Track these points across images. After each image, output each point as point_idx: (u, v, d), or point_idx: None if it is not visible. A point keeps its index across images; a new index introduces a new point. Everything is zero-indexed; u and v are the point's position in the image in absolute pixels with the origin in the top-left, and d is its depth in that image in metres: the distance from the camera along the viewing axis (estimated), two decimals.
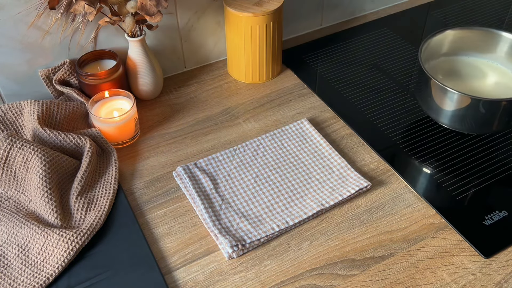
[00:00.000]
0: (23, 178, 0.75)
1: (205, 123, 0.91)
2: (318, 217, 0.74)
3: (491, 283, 0.66)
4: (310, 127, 0.86)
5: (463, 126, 0.79)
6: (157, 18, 0.82)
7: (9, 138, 0.74)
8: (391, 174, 0.80)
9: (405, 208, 0.75)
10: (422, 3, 1.22)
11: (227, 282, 0.67)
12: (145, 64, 0.89)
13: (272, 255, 0.70)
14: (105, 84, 0.87)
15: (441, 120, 0.80)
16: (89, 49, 0.91)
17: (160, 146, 0.87)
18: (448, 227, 0.73)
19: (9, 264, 0.69)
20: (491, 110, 0.75)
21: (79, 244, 0.69)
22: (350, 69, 1.02)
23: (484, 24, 1.14)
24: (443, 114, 0.79)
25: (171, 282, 0.67)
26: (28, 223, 0.70)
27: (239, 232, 0.71)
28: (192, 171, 0.79)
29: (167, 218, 0.75)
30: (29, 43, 0.85)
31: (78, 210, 0.74)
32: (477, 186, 0.78)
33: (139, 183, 0.80)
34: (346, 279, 0.67)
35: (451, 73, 0.85)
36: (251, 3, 0.90)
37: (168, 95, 0.97)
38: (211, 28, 0.99)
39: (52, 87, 0.90)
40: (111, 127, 0.84)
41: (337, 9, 1.15)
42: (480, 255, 0.69)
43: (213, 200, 0.76)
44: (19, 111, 0.85)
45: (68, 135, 0.80)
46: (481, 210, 0.75)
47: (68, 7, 0.83)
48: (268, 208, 0.75)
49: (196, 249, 0.71)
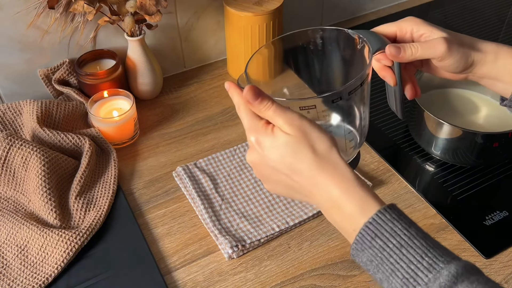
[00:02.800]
0: (22, 178, 0.75)
1: (205, 123, 0.91)
2: (319, 217, 0.74)
3: None
4: None
5: (456, 159, 0.80)
6: (157, 17, 0.82)
7: (8, 138, 0.74)
8: (392, 174, 0.80)
9: (406, 208, 0.75)
10: (422, 3, 1.22)
11: (227, 283, 0.67)
12: (144, 64, 0.89)
13: (272, 255, 0.70)
14: (104, 84, 0.87)
15: (434, 151, 0.81)
16: (89, 48, 0.90)
17: (159, 146, 0.86)
18: (448, 227, 0.72)
19: (8, 264, 0.68)
20: (484, 142, 0.76)
21: (78, 245, 0.69)
22: None
23: (484, 24, 1.14)
24: (436, 144, 0.80)
25: (170, 283, 0.67)
26: (27, 223, 0.70)
27: (239, 232, 0.71)
28: (192, 171, 0.79)
29: (166, 218, 0.75)
30: (28, 43, 0.85)
31: (77, 210, 0.73)
32: (478, 186, 0.78)
33: (138, 183, 0.80)
34: (347, 280, 0.66)
35: (443, 105, 0.86)
36: (251, 2, 0.90)
37: (168, 95, 0.97)
38: (211, 28, 0.99)
39: (51, 87, 0.90)
40: (111, 127, 0.83)
41: (337, 9, 1.14)
42: (480, 255, 0.69)
43: (213, 200, 0.75)
44: (18, 111, 0.85)
45: (67, 135, 0.79)
46: (481, 210, 0.74)
47: (68, 7, 0.82)
48: (268, 208, 0.75)
49: (196, 249, 0.71)
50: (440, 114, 0.78)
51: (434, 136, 0.79)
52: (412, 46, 0.55)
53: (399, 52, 0.55)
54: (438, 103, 0.86)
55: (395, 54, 0.55)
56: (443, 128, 0.77)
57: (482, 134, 0.75)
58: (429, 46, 0.55)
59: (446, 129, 0.76)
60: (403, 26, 0.57)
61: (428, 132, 0.79)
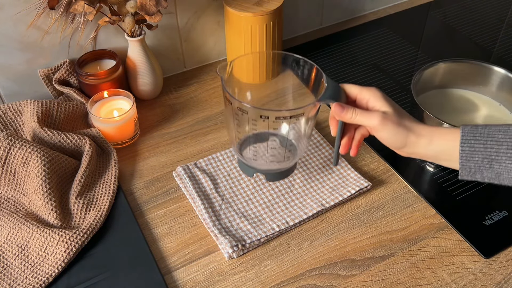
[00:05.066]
0: (22, 178, 0.75)
1: (205, 123, 0.91)
2: (318, 217, 0.74)
3: (491, 283, 0.66)
4: None
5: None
6: (157, 18, 0.82)
7: (9, 138, 0.74)
8: (391, 174, 0.80)
9: (405, 208, 0.75)
10: (422, 3, 1.22)
11: (227, 282, 0.67)
12: (144, 64, 0.89)
13: (272, 255, 0.70)
14: (104, 84, 0.87)
15: None
16: (89, 49, 0.91)
17: (159, 146, 0.86)
18: (448, 227, 0.72)
19: (9, 264, 0.68)
20: None
21: (78, 244, 0.69)
22: (350, 69, 1.02)
23: (484, 24, 1.14)
24: None
25: (170, 282, 0.67)
26: (27, 223, 0.70)
27: (239, 232, 0.71)
28: (192, 171, 0.79)
29: (166, 218, 0.75)
30: (28, 43, 0.85)
31: (77, 210, 0.74)
32: (477, 186, 0.78)
33: (138, 183, 0.80)
34: (346, 279, 0.67)
35: (443, 105, 0.86)
36: (251, 3, 0.90)
37: (168, 95, 0.97)
38: (211, 28, 0.99)
39: (51, 87, 0.90)
40: (111, 127, 0.83)
41: (337, 9, 1.15)
42: (480, 255, 0.69)
43: (213, 200, 0.75)
44: (19, 111, 0.85)
45: (68, 135, 0.79)
46: (481, 210, 0.74)
47: (68, 7, 0.82)
48: (268, 208, 0.75)
49: (196, 249, 0.71)
50: (440, 114, 0.78)
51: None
52: (354, 111, 0.61)
53: (341, 111, 0.61)
54: (438, 103, 0.86)
55: (337, 112, 0.62)
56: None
57: None
58: (366, 116, 0.61)
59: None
60: (364, 93, 0.63)
61: None
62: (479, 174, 0.57)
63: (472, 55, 1.05)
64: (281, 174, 0.73)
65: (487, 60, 0.95)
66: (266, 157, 0.72)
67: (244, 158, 0.72)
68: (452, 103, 0.87)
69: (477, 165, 0.57)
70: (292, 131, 0.73)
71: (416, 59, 1.05)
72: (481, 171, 0.57)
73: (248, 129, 0.70)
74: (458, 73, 0.88)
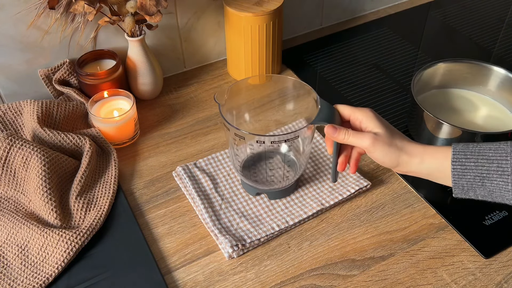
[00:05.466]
0: (22, 178, 0.75)
1: (205, 123, 0.91)
2: (318, 217, 0.74)
3: (491, 283, 0.66)
4: None
5: None
6: (157, 18, 0.82)
7: (9, 138, 0.74)
8: (391, 174, 0.80)
9: (405, 208, 0.75)
10: (422, 3, 1.22)
11: (227, 282, 0.67)
12: (144, 64, 0.89)
13: (272, 255, 0.70)
14: (104, 84, 0.87)
15: None
16: (89, 49, 0.91)
17: (159, 146, 0.86)
18: (448, 227, 0.72)
19: (9, 264, 0.68)
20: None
21: (78, 244, 0.69)
22: (350, 69, 1.02)
23: (484, 24, 1.14)
24: (436, 144, 0.80)
25: (170, 282, 0.67)
26: (27, 223, 0.70)
27: (239, 231, 0.71)
28: (191, 171, 0.79)
29: (166, 218, 0.75)
30: (28, 43, 0.85)
31: (77, 210, 0.74)
32: None
33: (138, 183, 0.80)
34: (346, 279, 0.67)
35: (443, 105, 0.86)
36: (251, 3, 0.90)
37: (168, 95, 0.97)
38: (211, 28, 0.99)
39: (51, 87, 0.90)
40: (111, 127, 0.83)
41: (337, 9, 1.15)
42: (480, 255, 0.69)
43: (213, 200, 0.75)
44: (19, 111, 0.85)
45: (68, 135, 0.79)
46: (481, 210, 0.74)
47: (68, 7, 0.82)
48: (268, 208, 0.75)
49: (196, 249, 0.71)
50: (440, 114, 0.78)
51: (433, 136, 0.79)
52: (346, 132, 0.63)
53: (334, 133, 0.63)
54: (438, 103, 0.86)
55: (330, 133, 0.63)
56: (443, 128, 0.77)
57: (482, 134, 0.75)
58: (358, 137, 0.62)
59: (446, 129, 0.76)
60: (356, 113, 0.64)
61: (428, 132, 0.79)
62: (472, 192, 0.58)
63: (472, 55, 1.05)
64: (282, 193, 0.75)
65: (487, 60, 0.95)
66: (266, 177, 0.75)
67: (245, 178, 0.75)
68: (452, 103, 0.87)
69: (469, 183, 0.58)
70: (290, 152, 0.77)
71: (416, 59, 1.05)
72: (473, 189, 0.58)
73: (247, 151, 0.77)
74: (458, 73, 0.88)
